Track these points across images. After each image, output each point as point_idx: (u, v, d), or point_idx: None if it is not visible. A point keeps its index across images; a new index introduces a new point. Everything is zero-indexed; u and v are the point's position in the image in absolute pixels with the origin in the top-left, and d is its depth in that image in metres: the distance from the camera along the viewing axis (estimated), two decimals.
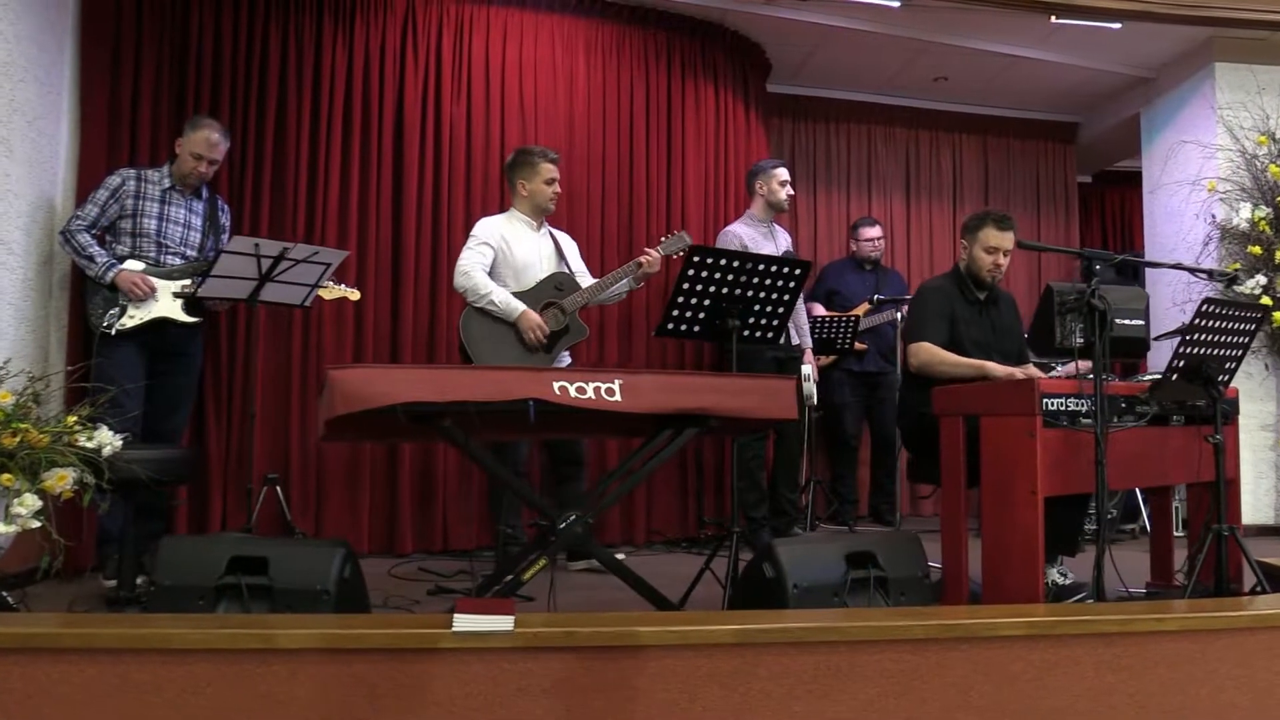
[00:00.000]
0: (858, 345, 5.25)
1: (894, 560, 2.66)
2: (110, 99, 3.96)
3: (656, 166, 5.01)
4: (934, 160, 6.46)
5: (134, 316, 3.45)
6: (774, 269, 3.24)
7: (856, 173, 6.32)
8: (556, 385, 2.50)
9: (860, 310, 5.35)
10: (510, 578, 2.58)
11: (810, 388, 4.69)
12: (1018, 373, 3.12)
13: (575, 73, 4.87)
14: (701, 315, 3.24)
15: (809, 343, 4.82)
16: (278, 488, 4.02)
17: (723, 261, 3.15)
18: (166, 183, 3.62)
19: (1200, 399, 2.90)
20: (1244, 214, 4.99)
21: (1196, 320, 2.74)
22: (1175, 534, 3.77)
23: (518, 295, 3.77)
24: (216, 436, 4.16)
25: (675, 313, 3.20)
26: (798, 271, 3.28)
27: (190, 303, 3.53)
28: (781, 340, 4.60)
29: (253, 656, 2.09)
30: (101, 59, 3.94)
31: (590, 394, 2.53)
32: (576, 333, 3.83)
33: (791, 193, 4.66)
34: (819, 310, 5.47)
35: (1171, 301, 5.27)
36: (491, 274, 3.81)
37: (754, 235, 4.57)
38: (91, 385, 3.19)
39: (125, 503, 2.97)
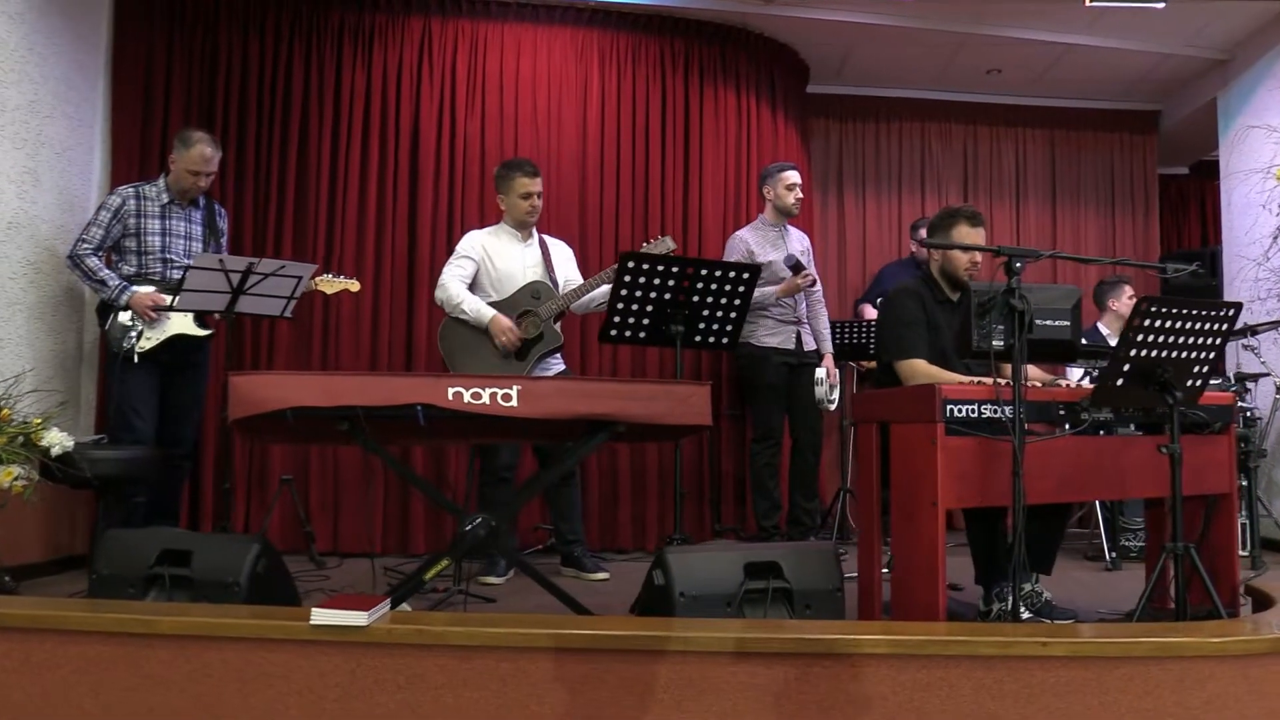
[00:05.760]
0: None
1: (801, 572, 2.56)
2: (141, 131, 4.33)
3: (672, 174, 5.01)
4: (994, 156, 6.14)
5: (150, 339, 3.58)
6: (718, 273, 3.20)
7: (909, 172, 6.09)
8: (450, 391, 2.56)
9: None
10: (404, 581, 2.66)
11: (822, 391, 4.57)
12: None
13: (589, 83, 4.93)
14: (645, 322, 3.23)
15: (828, 348, 4.70)
16: (292, 490, 4.29)
17: (659, 267, 3.14)
18: (165, 197, 3.69)
19: (1159, 405, 2.66)
20: None
21: (1136, 320, 2.51)
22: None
23: (496, 305, 3.77)
24: (240, 442, 4.45)
25: (616, 319, 3.21)
26: (745, 276, 3.23)
27: (199, 315, 3.70)
28: (793, 345, 4.54)
29: (138, 640, 2.25)
30: (133, 95, 4.32)
31: (485, 399, 2.58)
32: (551, 340, 3.76)
33: (800, 196, 4.56)
34: (871, 313, 5.30)
35: (1248, 298, 4.79)
36: (474, 286, 3.84)
37: (761, 241, 4.50)
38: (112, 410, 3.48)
39: (100, 498, 3.23)
